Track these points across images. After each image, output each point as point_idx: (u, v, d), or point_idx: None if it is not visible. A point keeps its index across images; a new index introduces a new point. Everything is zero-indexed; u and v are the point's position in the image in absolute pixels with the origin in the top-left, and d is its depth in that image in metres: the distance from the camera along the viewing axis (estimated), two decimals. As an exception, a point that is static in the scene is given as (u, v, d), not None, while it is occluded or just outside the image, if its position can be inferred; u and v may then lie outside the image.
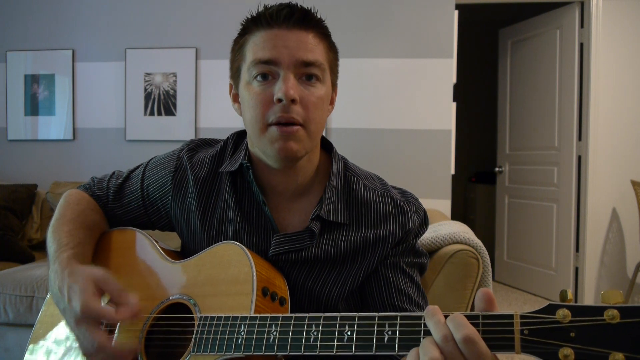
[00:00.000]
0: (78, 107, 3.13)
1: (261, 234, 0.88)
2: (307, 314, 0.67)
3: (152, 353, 0.84)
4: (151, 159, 1.04)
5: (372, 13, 2.90)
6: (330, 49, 0.86)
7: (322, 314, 0.66)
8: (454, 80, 2.85)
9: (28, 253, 2.56)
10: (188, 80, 3.02)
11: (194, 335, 0.75)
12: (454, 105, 2.85)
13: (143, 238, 0.96)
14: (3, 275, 2.13)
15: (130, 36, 3.07)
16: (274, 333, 0.68)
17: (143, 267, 0.92)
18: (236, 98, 0.90)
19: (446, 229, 1.63)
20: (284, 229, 0.89)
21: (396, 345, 0.60)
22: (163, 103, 3.04)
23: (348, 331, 0.63)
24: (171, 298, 0.84)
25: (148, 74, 3.05)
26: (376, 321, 0.62)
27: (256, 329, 0.69)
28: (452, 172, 2.86)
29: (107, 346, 0.73)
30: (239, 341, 0.70)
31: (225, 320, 0.73)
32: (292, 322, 0.67)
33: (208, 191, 0.93)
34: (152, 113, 3.05)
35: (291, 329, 0.67)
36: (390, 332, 0.60)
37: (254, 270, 0.77)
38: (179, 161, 0.97)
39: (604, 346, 0.49)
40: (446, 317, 0.57)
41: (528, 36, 3.82)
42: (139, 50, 3.05)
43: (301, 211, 0.90)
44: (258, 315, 0.71)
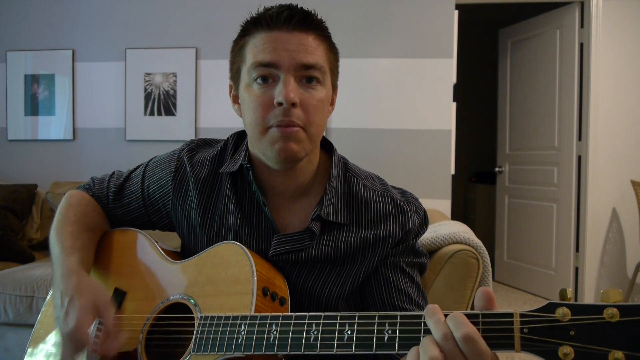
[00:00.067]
0: (78, 107, 3.13)
1: (261, 235, 0.89)
2: (307, 314, 0.67)
3: (152, 353, 0.84)
4: (151, 159, 1.04)
5: (372, 13, 2.90)
6: (330, 51, 0.86)
7: (322, 314, 0.66)
8: (454, 80, 2.85)
9: (28, 253, 2.56)
10: (188, 80, 3.02)
11: (194, 335, 0.75)
12: (454, 105, 2.85)
13: (143, 238, 0.97)
14: (3, 275, 2.14)
15: (130, 36, 3.07)
16: (274, 332, 0.68)
17: (143, 268, 0.92)
18: (236, 99, 0.90)
19: (446, 229, 1.63)
20: (284, 229, 0.89)
21: (396, 344, 0.60)
22: (163, 103, 3.04)
23: (348, 330, 0.63)
24: (171, 298, 0.84)
25: (148, 74, 3.05)
26: (376, 320, 0.62)
27: (256, 329, 0.69)
28: (452, 172, 2.86)
29: None
30: (239, 341, 0.70)
31: (225, 320, 0.73)
32: (292, 322, 0.67)
33: (208, 192, 0.93)
34: (152, 113, 3.05)
35: (291, 329, 0.67)
36: (390, 331, 0.61)
37: (254, 270, 0.77)
38: (180, 161, 0.97)
39: (604, 344, 0.49)
40: (446, 316, 0.57)
41: (528, 36, 3.82)
42: (139, 50, 3.05)
43: (301, 211, 0.90)
44: (258, 315, 0.71)
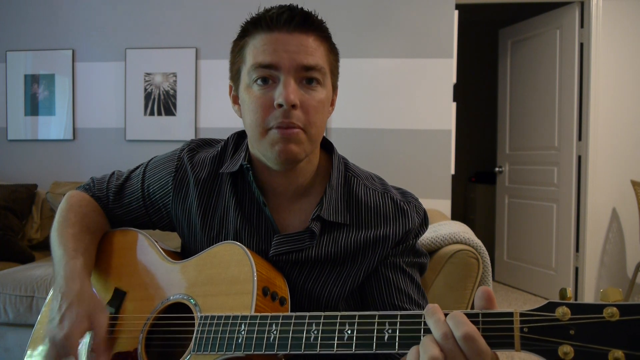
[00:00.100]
0: (78, 107, 3.13)
1: (262, 235, 0.89)
2: (308, 313, 0.67)
3: (153, 353, 0.84)
4: (151, 159, 1.04)
5: (372, 13, 2.90)
6: (330, 51, 0.86)
7: (322, 313, 0.66)
8: (454, 80, 2.85)
9: (28, 253, 2.56)
10: (188, 80, 3.02)
11: (195, 334, 0.75)
12: (454, 105, 2.85)
13: (143, 238, 0.97)
14: (3, 275, 2.14)
15: (130, 36, 3.07)
16: (275, 332, 0.68)
17: (144, 268, 0.93)
18: (236, 100, 0.89)
19: (446, 229, 1.63)
20: (285, 230, 0.89)
21: (396, 343, 0.60)
22: (163, 103, 3.04)
23: (348, 330, 0.63)
24: (171, 298, 0.85)
25: (148, 74, 3.05)
26: (376, 320, 0.62)
27: (256, 328, 0.69)
28: (452, 172, 2.86)
29: None
30: (240, 340, 0.70)
31: (225, 319, 0.73)
32: (293, 321, 0.67)
33: (209, 192, 0.93)
34: (152, 113, 3.05)
35: (291, 328, 0.67)
36: (390, 331, 0.61)
37: (255, 270, 0.77)
38: (180, 161, 0.97)
39: (604, 343, 0.49)
40: (446, 315, 0.57)
41: (528, 36, 3.82)
42: (139, 50, 3.05)
43: (301, 212, 0.90)
44: (258, 314, 0.71)
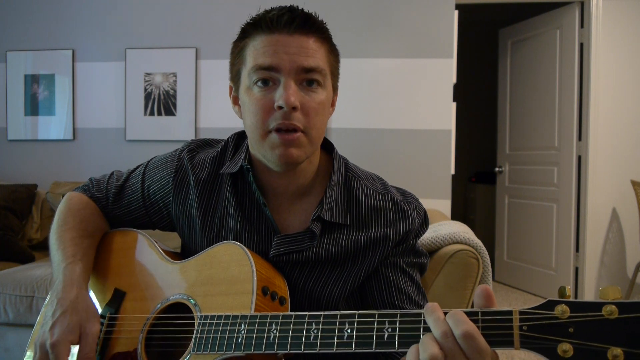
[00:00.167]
0: (78, 107, 3.13)
1: (262, 235, 0.89)
2: (307, 312, 0.67)
3: (152, 353, 0.84)
4: (151, 160, 1.04)
5: (372, 13, 2.90)
6: (331, 53, 0.86)
7: (322, 312, 0.66)
8: (454, 80, 2.85)
9: (28, 253, 2.56)
10: (188, 80, 3.02)
11: (194, 334, 0.75)
12: (454, 105, 2.85)
13: (143, 239, 0.97)
14: (3, 275, 2.14)
15: (130, 36, 3.07)
16: (274, 331, 0.68)
17: (143, 268, 0.93)
18: (236, 100, 0.89)
19: (446, 229, 1.63)
20: (285, 230, 0.89)
21: (396, 342, 0.60)
22: (163, 103, 3.05)
23: (348, 329, 0.63)
24: (171, 298, 0.85)
25: (148, 74, 3.05)
26: (376, 319, 0.62)
27: (256, 328, 0.69)
28: (452, 172, 2.87)
29: None
30: (239, 340, 0.70)
31: (225, 319, 0.73)
32: (292, 321, 0.68)
33: (209, 192, 0.93)
34: (152, 113, 3.05)
35: (291, 327, 0.67)
36: (390, 330, 0.61)
37: (254, 269, 0.77)
38: (180, 162, 0.97)
39: (603, 341, 0.49)
40: (446, 314, 0.57)
41: (528, 36, 3.82)
42: (139, 50, 3.05)
43: (302, 212, 0.90)
44: (258, 314, 0.71)
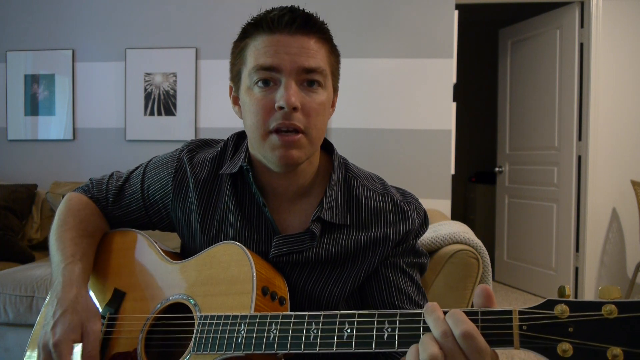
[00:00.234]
0: (78, 107, 3.13)
1: (262, 236, 0.89)
2: (307, 312, 0.67)
3: (152, 353, 0.84)
4: (151, 160, 1.04)
5: (372, 13, 2.90)
6: (332, 53, 0.86)
7: (322, 312, 0.66)
8: (454, 80, 2.85)
9: (28, 253, 2.56)
10: (188, 80, 3.02)
11: (194, 334, 0.75)
12: (454, 105, 2.85)
13: (143, 239, 0.97)
14: (3, 275, 2.14)
15: (130, 36, 3.07)
16: (274, 331, 0.68)
17: (143, 268, 0.93)
18: (236, 101, 0.89)
19: (446, 229, 1.63)
20: (285, 231, 0.89)
21: (396, 342, 0.60)
22: (163, 103, 3.05)
23: (348, 329, 0.63)
24: (171, 298, 0.85)
25: (148, 74, 3.05)
26: (376, 318, 0.62)
27: (256, 328, 0.69)
28: (452, 172, 2.86)
29: None
30: (239, 340, 0.70)
31: (225, 319, 0.73)
32: (292, 321, 0.67)
33: (208, 193, 0.93)
34: (152, 113, 3.05)
35: (291, 327, 0.67)
36: (389, 329, 0.61)
37: (254, 269, 0.77)
38: (180, 162, 0.97)
39: (602, 341, 0.49)
40: (445, 314, 0.57)
41: (528, 36, 3.82)
42: (139, 50, 3.05)
43: (302, 212, 0.90)
44: (258, 314, 0.71)
